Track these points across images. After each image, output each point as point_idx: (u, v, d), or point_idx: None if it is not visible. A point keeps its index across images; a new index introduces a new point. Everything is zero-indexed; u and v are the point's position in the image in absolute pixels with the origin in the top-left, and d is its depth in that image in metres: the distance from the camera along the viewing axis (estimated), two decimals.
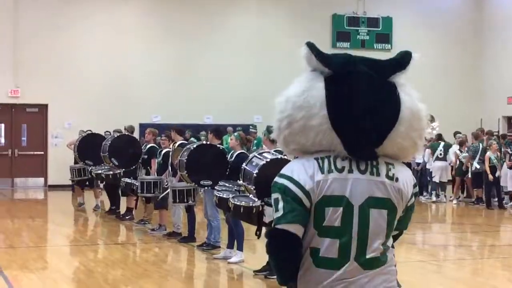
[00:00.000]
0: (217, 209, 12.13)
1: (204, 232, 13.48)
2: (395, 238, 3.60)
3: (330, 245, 3.33)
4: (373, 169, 3.39)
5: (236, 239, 11.78)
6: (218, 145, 12.56)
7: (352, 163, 3.38)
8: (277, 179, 3.54)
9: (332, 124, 3.38)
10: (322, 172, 3.36)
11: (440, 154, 22.18)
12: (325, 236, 3.33)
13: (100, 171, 16.98)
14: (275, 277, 10.12)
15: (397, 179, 3.40)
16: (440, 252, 14.03)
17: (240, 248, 11.75)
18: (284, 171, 3.53)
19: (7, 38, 24.95)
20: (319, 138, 3.40)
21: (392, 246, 3.52)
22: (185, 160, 12.14)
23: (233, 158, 11.82)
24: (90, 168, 17.64)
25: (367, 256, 3.34)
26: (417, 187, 3.58)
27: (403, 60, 3.53)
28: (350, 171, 3.37)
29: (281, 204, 3.43)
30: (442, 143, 22.40)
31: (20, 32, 25.12)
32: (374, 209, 3.35)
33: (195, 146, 12.54)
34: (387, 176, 3.39)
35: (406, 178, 3.45)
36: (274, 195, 3.51)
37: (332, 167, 3.37)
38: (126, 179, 15.69)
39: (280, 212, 3.41)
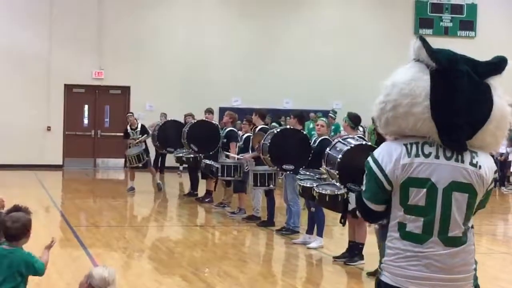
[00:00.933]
0: (297, 193, 12.15)
1: (283, 217, 13.52)
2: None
3: (415, 222, 3.73)
4: (458, 156, 3.76)
5: (316, 225, 11.79)
6: (301, 130, 12.55)
7: (439, 149, 3.77)
8: (368, 158, 4.02)
9: (432, 115, 3.77)
10: (409, 156, 3.77)
11: None
12: (410, 213, 3.74)
13: (181, 154, 17.18)
14: (355, 263, 10.18)
15: (480, 167, 3.76)
16: None
17: (320, 234, 11.76)
18: (375, 152, 4.00)
19: (92, 22, 25.40)
20: (418, 125, 3.79)
21: (472, 226, 3.85)
22: (268, 144, 12.17)
23: (316, 144, 11.79)
24: (170, 152, 17.90)
25: (449, 235, 3.73)
26: (497, 173, 3.90)
27: (500, 66, 3.93)
28: (437, 157, 3.76)
29: (365, 180, 4.02)
30: None
31: (104, 15, 25.54)
32: (457, 192, 3.72)
33: (278, 130, 12.54)
34: (471, 163, 3.75)
35: (488, 165, 3.79)
36: (366, 170, 4.02)
37: (420, 152, 3.77)
38: (206, 160, 15.82)
39: (364, 187, 4.02)
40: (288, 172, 12.17)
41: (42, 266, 5.67)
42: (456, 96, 3.79)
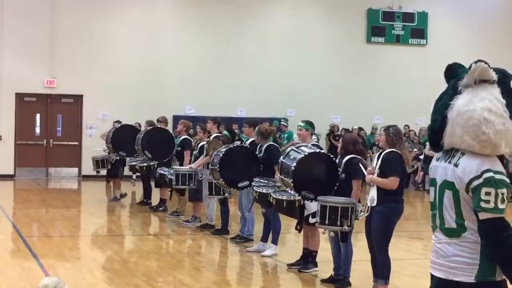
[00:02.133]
0: (252, 202, 12.19)
1: (237, 225, 13.53)
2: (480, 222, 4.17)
3: (432, 215, 4.42)
4: (450, 158, 4.29)
5: (272, 232, 11.82)
6: (245, 145, 12.63)
7: (443, 153, 4.37)
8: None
9: None
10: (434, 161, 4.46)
11: None
12: (431, 209, 4.44)
13: (134, 163, 17.12)
14: (309, 270, 10.21)
15: (458, 166, 4.20)
16: None
17: (275, 242, 11.78)
18: None
19: (44, 29, 25.17)
20: None
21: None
22: (217, 168, 12.11)
23: (262, 152, 11.83)
24: (114, 158, 17.88)
25: (446, 226, 4.29)
26: (485, 174, 4.11)
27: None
28: (440, 159, 4.38)
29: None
30: None
31: (56, 23, 25.32)
32: (446, 189, 4.26)
33: (223, 151, 12.39)
34: (454, 163, 4.23)
35: (465, 165, 4.17)
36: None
37: (437, 156, 4.44)
38: (161, 170, 15.77)
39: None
40: (245, 188, 12.15)
41: None
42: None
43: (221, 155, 12.23)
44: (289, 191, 9.97)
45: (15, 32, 24.92)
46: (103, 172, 19.67)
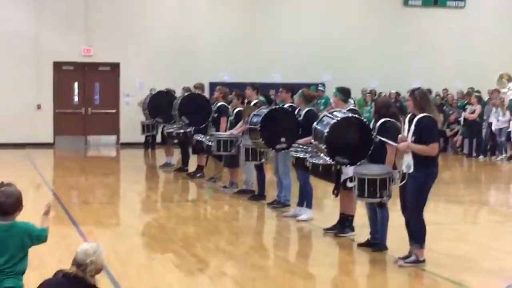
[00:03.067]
0: (289, 167, 12.20)
1: (274, 190, 13.56)
2: None
3: None
4: None
5: (305, 197, 11.83)
6: (287, 106, 12.56)
7: None
8: None
9: None
10: None
11: None
12: None
13: (171, 130, 17.19)
14: (345, 235, 10.25)
15: None
16: None
17: (309, 206, 11.80)
18: None
19: None
20: None
21: None
22: (258, 128, 12.09)
23: (301, 116, 11.81)
24: (162, 126, 17.98)
25: None
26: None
27: None
28: None
29: None
30: None
31: None
32: None
33: (265, 112, 12.34)
34: None
35: None
36: None
37: None
38: (198, 136, 15.82)
39: None
40: (283, 150, 12.15)
41: (45, 231, 5.72)
42: None
43: (263, 115, 12.21)
44: (323, 156, 9.95)
45: (51, 2, 25.04)
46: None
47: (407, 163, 8.57)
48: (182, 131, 16.68)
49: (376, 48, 27.36)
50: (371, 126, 9.48)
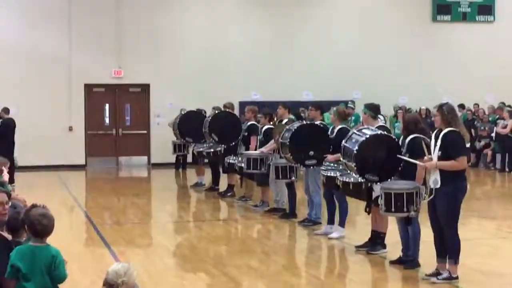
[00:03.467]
0: (319, 185, 12.20)
1: (304, 208, 13.55)
2: None
3: None
4: None
5: (339, 215, 11.82)
6: (317, 123, 12.57)
7: None
8: None
9: None
10: None
11: None
12: None
13: (201, 149, 17.26)
14: (377, 252, 10.21)
15: None
16: None
17: (342, 224, 11.78)
18: None
19: (110, 19, 25.48)
20: None
21: None
22: (287, 142, 12.15)
23: (334, 134, 11.82)
24: (193, 145, 18.07)
25: None
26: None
27: None
28: None
29: None
30: None
31: (122, 13, 25.62)
32: None
33: (295, 127, 12.44)
34: None
35: None
36: None
37: None
38: (228, 159, 15.87)
39: None
40: (311, 167, 12.17)
41: (66, 274, 5.74)
42: None
43: (293, 129, 12.25)
44: (353, 174, 9.95)
45: (82, 23, 25.30)
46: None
47: (434, 179, 8.54)
48: (212, 150, 16.75)
49: (406, 64, 27.28)
50: (400, 142, 9.47)
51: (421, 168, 9.04)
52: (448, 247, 8.69)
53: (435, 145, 8.60)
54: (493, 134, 23.58)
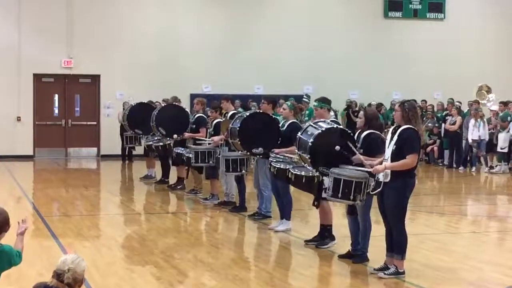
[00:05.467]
0: (269, 179, 12.20)
1: (254, 202, 13.54)
2: None
3: None
4: None
5: (284, 208, 11.85)
6: (271, 115, 12.57)
7: None
8: None
9: None
10: None
11: None
12: None
13: (151, 142, 17.17)
14: (326, 246, 10.24)
15: None
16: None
17: (287, 217, 11.82)
18: None
19: (61, 10, 25.20)
20: None
21: None
22: (237, 128, 12.17)
23: (285, 127, 11.84)
24: (142, 138, 17.96)
25: None
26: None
27: None
28: None
29: None
30: None
31: (72, 3, 25.34)
32: None
33: (248, 114, 12.53)
34: None
35: None
36: None
37: None
38: (177, 149, 15.82)
39: None
40: (258, 156, 12.20)
41: (20, 256, 5.61)
42: None
43: (245, 116, 12.26)
44: (307, 167, 9.96)
45: (32, 13, 24.98)
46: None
47: (384, 172, 8.57)
48: (161, 144, 16.68)
49: (356, 59, 27.47)
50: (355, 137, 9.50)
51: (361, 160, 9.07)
52: (395, 242, 8.75)
53: (391, 139, 8.64)
54: (442, 130, 23.86)
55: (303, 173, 10.51)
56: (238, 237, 12.05)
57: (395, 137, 8.59)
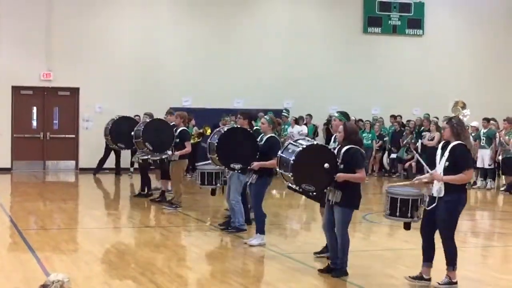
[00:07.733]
0: (239, 194, 12.22)
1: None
2: None
3: None
4: None
5: (256, 222, 11.89)
6: (248, 129, 12.57)
7: None
8: None
9: None
10: None
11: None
12: None
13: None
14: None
15: None
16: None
17: (261, 231, 11.81)
18: None
19: (40, 22, 25.12)
20: None
21: None
22: (215, 143, 12.16)
23: (263, 141, 11.84)
24: (121, 148, 17.96)
25: None
26: None
27: None
28: None
29: None
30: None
31: (52, 16, 25.27)
32: None
33: (225, 129, 12.52)
34: None
35: None
36: None
37: None
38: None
39: None
40: (235, 171, 12.15)
41: None
42: None
43: (223, 131, 12.24)
44: (290, 184, 9.94)
45: (11, 25, 24.88)
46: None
47: (438, 187, 8.80)
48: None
49: (336, 75, 27.57)
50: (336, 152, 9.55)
51: (362, 175, 9.38)
52: (447, 255, 8.98)
53: (442, 155, 8.79)
54: (418, 145, 23.96)
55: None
56: (216, 251, 12.01)
57: (446, 153, 8.81)
